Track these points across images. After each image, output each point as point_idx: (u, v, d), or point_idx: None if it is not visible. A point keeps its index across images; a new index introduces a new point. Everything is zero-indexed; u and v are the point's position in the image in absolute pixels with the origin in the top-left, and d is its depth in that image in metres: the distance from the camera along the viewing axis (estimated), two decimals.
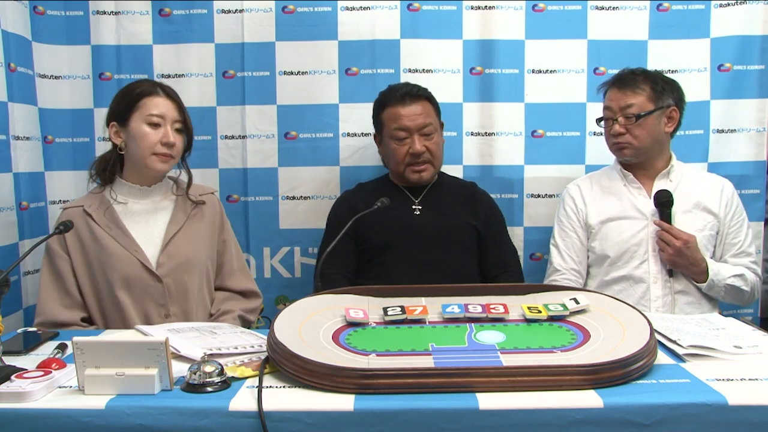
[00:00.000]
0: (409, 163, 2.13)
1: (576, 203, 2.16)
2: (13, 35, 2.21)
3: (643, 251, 2.03)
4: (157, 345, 1.18)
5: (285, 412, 1.12)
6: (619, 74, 2.11)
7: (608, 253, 2.07)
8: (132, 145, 1.85)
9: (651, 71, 2.11)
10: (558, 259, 2.15)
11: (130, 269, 1.82)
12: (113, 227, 1.85)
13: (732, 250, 2.07)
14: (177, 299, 1.85)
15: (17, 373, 1.22)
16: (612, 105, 2.06)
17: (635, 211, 2.07)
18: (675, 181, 2.09)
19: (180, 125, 1.87)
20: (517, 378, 1.18)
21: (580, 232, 2.14)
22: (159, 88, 1.87)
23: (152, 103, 1.84)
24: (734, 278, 2.00)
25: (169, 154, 1.85)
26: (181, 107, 1.89)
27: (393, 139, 2.13)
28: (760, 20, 2.35)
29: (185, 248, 1.87)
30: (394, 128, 2.12)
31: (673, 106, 2.06)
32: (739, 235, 2.07)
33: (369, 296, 1.55)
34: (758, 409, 1.12)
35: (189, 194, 1.94)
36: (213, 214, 1.97)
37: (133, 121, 1.84)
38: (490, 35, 2.40)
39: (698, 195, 2.07)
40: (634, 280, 2.03)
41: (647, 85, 2.04)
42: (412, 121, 2.11)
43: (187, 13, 2.39)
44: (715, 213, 2.06)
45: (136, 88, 1.87)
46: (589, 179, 2.20)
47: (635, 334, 1.32)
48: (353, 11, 2.38)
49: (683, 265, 1.98)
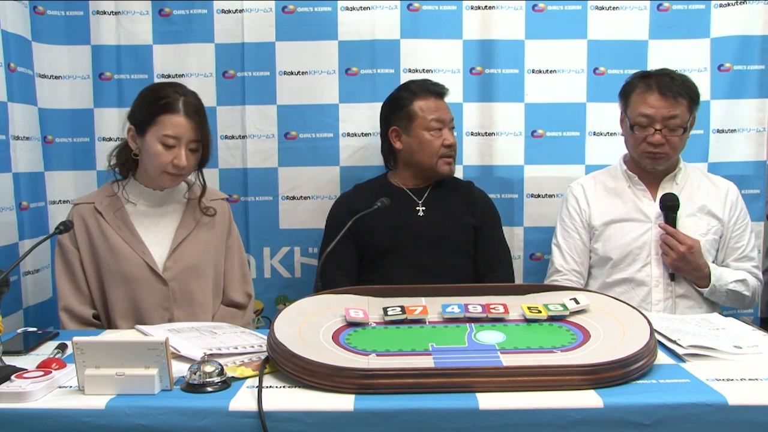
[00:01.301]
0: (443, 155, 2.13)
1: (579, 203, 2.13)
2: (13, 35, 2.21)
3: (646, 254, 2.02)
4: (157, 345, 1.18)
5: (285, 412, 1.12)
6: (659, 79, 1.99)
7: (611, 255, 2.05)
8: (145, 157, 1.83)
9: (687, 78, 2.03)
10: (559, 259, 2.14)
11: (136, 270, 1.82)
12: (123, 227, 1.85)
13: (734, 255, 2.05)
14: (181, 304, 1.85)
15: (17, 373, 1.22)
16: (653, 113, 1.96)
17: (639, 213, 2.05)
18: (681, 184, 2.07)
19: (195, 145, 1.83)
20: (517, 378, 1.18)
21: (582, 232, 2.12)
22: (182, 103, 1.80)
23: (169, 122, 1.78)
24: (736, 284, 1.98)
25: (179, 174, 1.83)
26: (200, 125, 1.82)
27: (429, 130, 2.12)
28: (760, 20, 2.35)
29: (193, 253, 1.87)
30: (432, 119, 2.11)
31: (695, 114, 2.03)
32: (742, 239, 2.06)
33: (369, 296, 1.55)
34: (758, 409, 1.12)
35: (200, 201, 1.92)
36: (222, 221, 1.97)
37: (149, 135, 1.80)
38: (490, 35, 2.40)
39: (703, 199, 2.05)
40: (636, 282, 2.02)
41: (687, 95, 1.97)
42: (447, 114, 2.14)
43: (187, 13, 2.39)
44: (719, 217, 2.04)
45: (161, 98, 1.80)
46: (593, 179, 2.18)
47: (635, 334, 1.32)
48: (353, 11, 2.38)
49: (686, 269, 1.97)
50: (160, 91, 1.84)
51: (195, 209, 1.92)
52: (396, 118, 2.17)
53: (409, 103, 2.14)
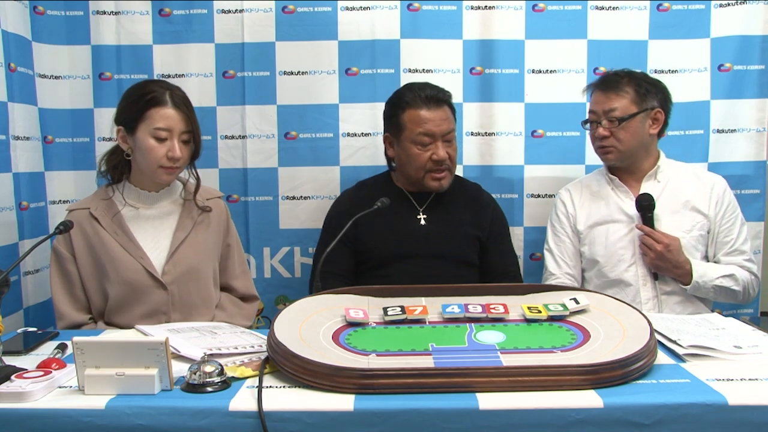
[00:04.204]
0: (430, 169, 2.04)
1: (567, 208, 2.15)
2: (13, 35, 2.21)
3: (630, 254, 2.03)
4: (157, 345, 1.18)
5: (285, 412, 1.12)
6: (603, 76, 2.10)
7: (597, 257, 2.06)
8: (138, 155, 1.83)
9: (636, 72, 2.08)
10: (552, 264, 2.15)
11: (134, 276, 1.81)
12: (120, 233, 1.83)
13: (724, 249, 2.05)
14: (180, 307, 1.85)
15: (17, 373, 1.22)
16: (596, 108, 2.05)
17: (621, 214, 2.06)
18: (663, 181, 2.07)
19: (187, 136, 1.83)
20: (517, 378, 1.18)
21: (572, 236, 2.14)
22: (168, 96, 1.81)
23: (159, 115, 1.78)
24: (723, 278, 1.97)
25: (174, 167, 1.83)
26: (189, 117, 1.83)
27: (415, 144, 2.03)
28: (760, 20, 2.35)
29: (191, 256, 1.87)
30: (419, 133, 2.01)
31: (658, 108, 2.03)
32: (731, 233, 2.05)
33: (369, 296, 1.55)
34: (758, 409, 1.12)
35: (196, 199, 1.92)
36: (219, 220, 1.96)
37: (139, 131, 1.80)
38: (490, 35, 2.40)
39: (687, 195, 2.05)
40: (624, 283, 2.03)
41: (631, 88, 2.02)
42: (438, 127, 2.02)
43: (187, 13, 2.39)
44: (704, 213, 2.04)
45: (147, 93, 1.80)
46: (579, 184, 2.20)
47: (635, 334, 1.32)
48: (353, 11, 2.38)
49: (666, 268, 1.97)
50: (145, 87, 1.84)
51: (191, 209, 1.92)
52: (388, 125, 2.13)
53: (401, 113, 2.05)
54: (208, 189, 2.00)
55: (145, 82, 1.91)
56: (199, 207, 1.92)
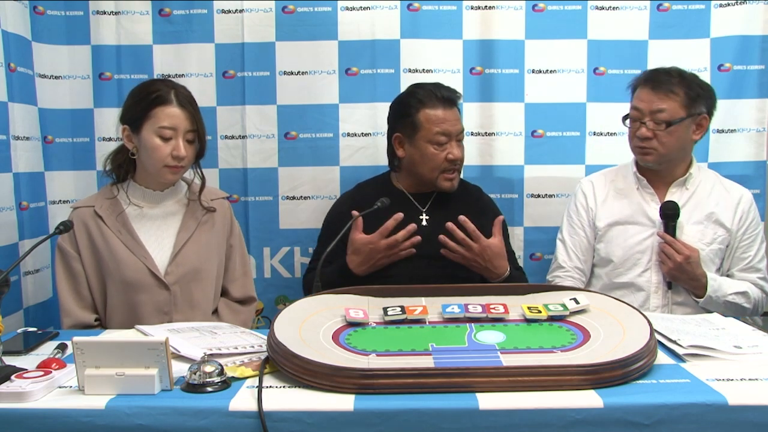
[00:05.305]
0: (444, 169, 2.02)
1: (588, 201, 2.10)
2: (13, 35, 2.21)
3: (647, 259, 1.99)
4: (157, 345, 1.18)
5: (285, 412, 1.12)
6: (654, 73, 1.97)
7: (612, 257, 2.03)
8: (143, 154, 1.83)
9: (687, 73, 1.97)
10: (563, 255, 2.12)
11: (137, 275, 1.81)
12: (123, 232, 1.83)
13: (740, 265, 2.01)
14: (182, 308, 1.85)
15: (17, 373, 1.22)
16: (641, 106, 1.94)
17: (644, 217, 2.01)
18: (691, 189, 2.01)
19: (192, 135, 1.83)
20: (517, 378, 1.18)
21: (588, 230, 2.10)
22: (174, 95, 1.80)
23: (164, 113, 1.78)
24: (736, 296, 1.94)
25: (179, 166, 1.83)
26: (194, 116, 1.82)
27: (432, 143, 2.00)
28: (760, 20, 2.35)
29: (195, 257, 1.86)
30: (437, 132, 1.99)
31: (705, 114, 1.95)
32: (750, 249, 2.01)
33: (369, 296, 1.55)
34: (758, 409, 1.12)
35: (201, 200, 1.92)
36: (223, 221, 1.96)
37: (144, 130, 1.80)
38: (490, 35, 2.40)
39: (713, 206, 2.00)
40: (635, 287, 2.00)
41: (682, 90, 1.91)
42: (454, 126, 2.01)
43: (187, 13, 2.39)
44: (727, 227, 1.99)
45: (152, 92, 1.80)
46: (603, 177, 2.14)
47: (635, 334, 1.32)
48: (353, 11, 2.38)
49: (683, 279, 1.93)
50: (151, 86, 1.84)
51: (196, 210, 1.92)
52: (400, 125, 2.08)
53: (416, 112, 2.02)
54: (212, 189, 2.01)
55: (151, 81, 1.91)
56: (203, 207, 1.92)
